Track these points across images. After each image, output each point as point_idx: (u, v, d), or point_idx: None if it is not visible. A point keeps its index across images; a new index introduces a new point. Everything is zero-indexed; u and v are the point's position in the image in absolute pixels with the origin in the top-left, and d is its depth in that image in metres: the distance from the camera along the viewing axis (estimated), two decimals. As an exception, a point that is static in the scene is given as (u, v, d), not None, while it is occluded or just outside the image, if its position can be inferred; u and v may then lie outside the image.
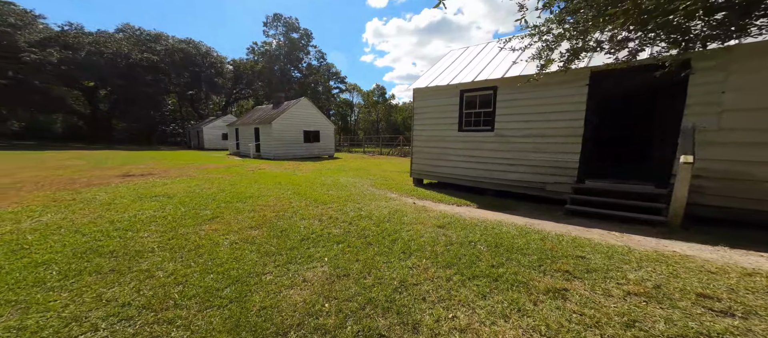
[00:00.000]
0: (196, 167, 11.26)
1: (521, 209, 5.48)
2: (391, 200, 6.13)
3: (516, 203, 6.03)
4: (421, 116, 7.99)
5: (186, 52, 39.22)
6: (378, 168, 12.69)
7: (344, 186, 7.61)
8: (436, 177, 7.80)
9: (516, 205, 5.83)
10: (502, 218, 4.87)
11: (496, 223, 4.47)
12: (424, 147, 7.96)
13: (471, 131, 6.85)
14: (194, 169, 10.69)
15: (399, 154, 24.62)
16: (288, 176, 9.20)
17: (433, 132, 7.70)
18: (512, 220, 4.74)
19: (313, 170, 11.39)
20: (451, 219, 4.61)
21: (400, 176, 9.92)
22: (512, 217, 4.95)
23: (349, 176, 9.57)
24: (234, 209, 4.82)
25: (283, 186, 7.30)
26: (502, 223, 4.48)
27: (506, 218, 4.82)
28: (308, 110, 21.19)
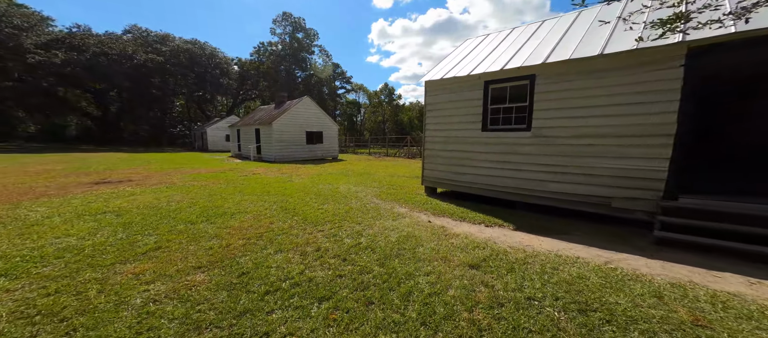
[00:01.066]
0: (184, 172, 10.25)
1: (577, 233, 4.11)
2: (400, 217, 4.85)
3: (564, 222, 4.65)
4: (435, 113, 6.68)
5: (191, 52, 38.98)
6: (384, 172, 11.44)
7: (344, 197, 6.37)
8: (454, 186, 6.48)
9: (565, 225, 4.46)
10: (559, 247, 3.52)
11: (556, 258, 3.14)
12: (439, 150, 6.64)
13: (499, 131, 5.51)
14: (181, 174, 9.68)
15: (406, 155, 23.30)
16: (281, 184, 8.03)
17: (450, 132, 6.38)
18: (575, 252, 3.38)
19: (312, 175, 10.20)
20: (487, 251, 3.30)
21: (410, 183, 8.62)
22: (572, 246, 3.59)
23: (350, 184, 8.33)
24: (191, 234, 3.64)
25: (271, 197, 6.12)
26: (565, 258, 3.14)
27: (566, 249, 3.47)
28: (311, 110, 20.12)
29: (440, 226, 4.41)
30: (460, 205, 5.77)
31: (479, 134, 5.79)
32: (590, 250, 3.46)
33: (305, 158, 19.40)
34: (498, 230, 4.27)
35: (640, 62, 3.85)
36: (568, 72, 4.54)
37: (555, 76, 4.71)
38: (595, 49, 4.26)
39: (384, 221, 4.54)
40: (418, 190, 7.47)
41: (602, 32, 4.63)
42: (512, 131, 5.30)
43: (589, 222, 4.58)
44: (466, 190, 6.29)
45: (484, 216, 4.91)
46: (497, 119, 5.60)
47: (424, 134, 6.95)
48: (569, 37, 5.12)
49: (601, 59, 4.20)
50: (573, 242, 3.73)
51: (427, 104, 6.85)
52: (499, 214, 5.03)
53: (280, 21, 50.85)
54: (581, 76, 4.42)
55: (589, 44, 4.50)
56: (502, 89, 5.46)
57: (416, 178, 9.77)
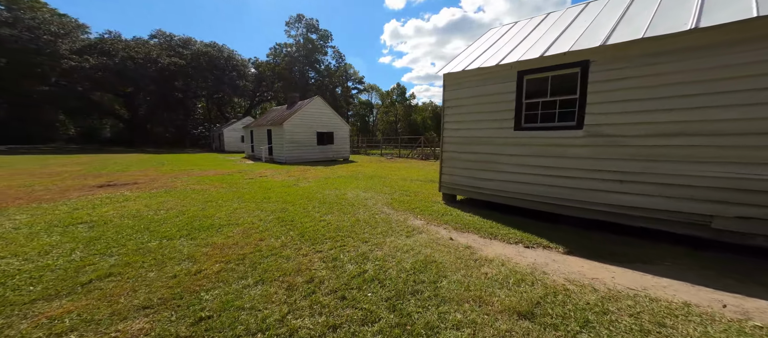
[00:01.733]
0: (192, 175, 9.97)
1: (662, 261, 3.10)
2: (415, 232, 4.03)
3: (631, 243, 3.63)
4: (455, 110, 5.80)
5: (210, 55, 40.11)
6: (396, 174, 10.63)
7: (351, 205, 5.64)
8: (477, 194, 5.56)
9: (639, 248, 3.44)
10: (645, 284, 2.56)
11: (651, 303, 2.22)
12: (461, 153, 5.75)
13: (537, 130, 4.55)
14: (188, 176, 9.37)
15: (420, 156, 22.35)
16: (285, 189, 7.43)
17: (473, 132, 5.48)
18: (676, 292, 2.41)
19: (320, 179, 9.58)
20: (538, 289, 2.42)
21: (425, 189, 7.76)
22: (664, 282, 2.61)
23: (359, 189, 7.60)
24: (160, 255, 3.01)
25: (270, 205, 5.50)
26: (666, 304, 2.20)
27: (656, 287, 2.51)
28: (322, 110, 19.68)
29: (466, 246, 3.55)
30: (486, 217, 4.86)
31: (510, 134, 4.86)
32: (700, 291, 2.47)
33: (316, 159, 18.97)
34: (543, 254, 3.34)
35: (761, 35, 2.81)
36: (641, 54, 3.53)
37: (619, 61, 3.70)
38: (683, 23, 3.24)
39: (396, 239, 3.75)
40: (434, 197, 6.60)
41: (684, 3, 3.59)
42: (555, 129, 4.32)
43: (669, 244, 3.53)
44: (491, 198, 5.36)
45: (520, 233, 3.99)
46: (534, 116, 4.64)
47: (442, 134, 6.09)
48: (633, 13, 4.08)
49: (694, 35, 3.17)
50: (664, 276, 2.74)
51: (446, 101, 5.98)
52: (539, 230, 4.08)
53: (293, 23, 51.42)
54: (660, 59, 3.41)
55: (668, 18, 3.48)
56: (542, 80, 4.50)
57: (432, 182, 8.89)
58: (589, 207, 4.10)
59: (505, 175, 5.02)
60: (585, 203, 4.12)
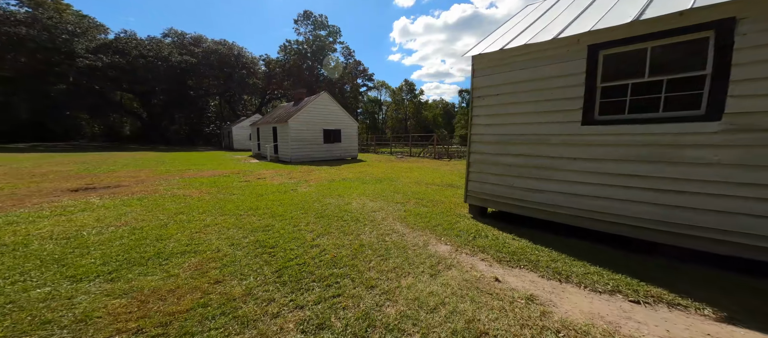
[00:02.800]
0: (186, 176, 9.11)
1: None
2: (442, 267, 2.82)
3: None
4: (490, 100, 4.50)
5: (220, 53, 39.98)
6: (409, 177, 9.40)
7: (355, 220, 4.47)
8: (521, 208, 4.26)
9: None
10: None
11: None
12: (496, 155, 4.45)
13: (624, 123, 3.19)
14: (180, 178, 8.49)
15: (432, 155, 20.98)
16: (280, 196, 6.35)
17: (518, 128, 4.17)
18: None
19: (323, 182, 8.48)
20: None
21: (444, 196, 6.50)
22: None
23: (367, 195, 6.43)
24: (33, 316, 1.94)
25: (255, 218, 4.41)
26: None
27: None
28: (328, 106, 18.63)
29: (526, 295, 2.31)
30: (537, 241, 3.57)
31: (576, 130, 3.53)
32: None
33: (323, 158, 17.98)
34: (679, 319, 2.05)
35: None
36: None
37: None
38: None
39: (417, 281, 2.54)
40: (458, 209, 5.34)
41: None
42: (661, 122, 2.96)
43: None
44: (540, 215, 4.04)
45: (607, 272, 2.69)
46: (617, 105, 3.29)
47: (470, 131, 4.79)
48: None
49: None
50: None
51: (476, 89, 4.68)
52: (634, 267, 2.78)
53: (302, 20, 50.77)
54: None
55: None
56: (632, 55, 3.14)
57: (451, 187, 7.60)
58: (728, 238, 2.71)
59: (566, 185, 3.70)
60: (719, 232, 2.73)
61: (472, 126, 4.74)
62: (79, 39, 28.22)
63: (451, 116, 76.37)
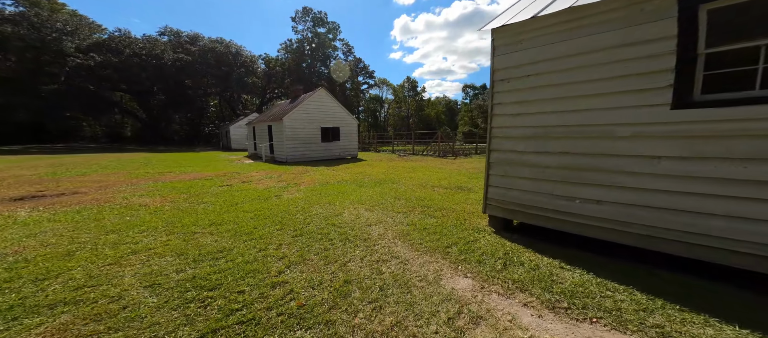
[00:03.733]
0: (163, 179, 8.21)
1: None
2: (463, 319, 1.84)
3: None
4: (516, 83, 3.48)
5: (217, 51, 39.11)
6: (412, 178, 8.41)
7: (344, 239, 3.51)
8: (562, 222, 3.24)
9: None
10: None
11: None
12: (528, 153, 3.43)
13: (750, 104, 2.14)
14: (153, 183, 7.59)
15: (436, 153, 19.94)
16: (259, 204, 5.39)
17: (561, 117, 3.13)
18: None
19: (316, 186, 7.53)
20: None
21: (454, 202, 5.51)
22: None
23: (363, 203, 5.46)
24: None
25: (211, 239, 3.46)
26: None
27: None
28: (326, 103, 17.65)
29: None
30: (596, 270, 2.57)
31: (663, 117, 2.48)
32: None
33: (321, 158, 17.04)
34: None
35: None
36: None
37: None
38: None
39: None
40: (474, 218, 4.34)
41: None
42: None
43: None
44: (597, 234, 3.02)
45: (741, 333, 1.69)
46: (731, 79, 2.25)
47: (491, 124, 3.77)
48: None
49: None
50: None
51: (498, 71, 3.66)
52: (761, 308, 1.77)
53: (300, 17, 49.70)
54: None
55: None
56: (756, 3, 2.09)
57: (460, 189, 6.60)
58: None
59: (643, 195, 2.65)
60: None
61: (493, 117, 3.72)
62: (69, 38, 27.38)
63: (453, 113, 75.03)
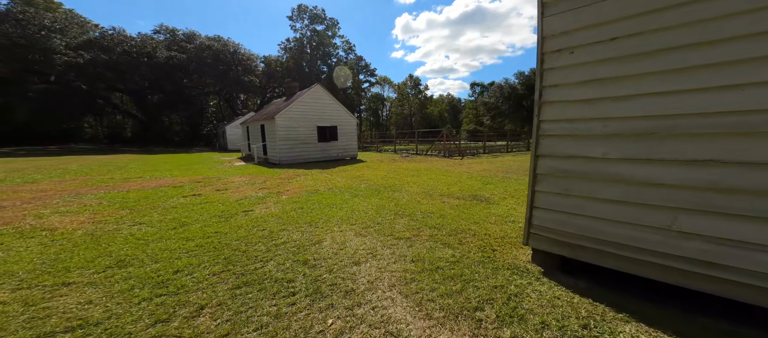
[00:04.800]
0: (123, 186, 7.04)
1: None
2: None
3: None
4: (593, 52, 2.16)
5: (214, 49, 38.06)
6: (416, 183, 7.14)
7: (312, 292, 2.25)
8: (676, 274, 1.94)
9: None
10: None
11: None
12: (613, 161, 2.11)
13: None
14: (107, 191, 6.42)
15: (442, 153, 18.61)
16: (217, 223, 4.16)
17: (699, 98, 1.82)
18: None
19: (301, 195, 6.30)
20: None
21: (470, 216, 4.23)
22: None
23: (353, 223, 4.21)
24: None
25: (109, 283, 2.22)
26: None
27: None
28: (323, 100, 16.40)
29: None
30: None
31: None
32: None
33: (317, 159, 15.83)
34: None
35: None
36: None
37: None
38: None
39: None
40: (505, 249, 3.05)
41: None
42: None
43: None
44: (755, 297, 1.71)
45: None
46: None
47: (540, 117, 2.46)
48: None
49: None
50: None
51: (551, 39, 2.36)
52: None
53: (297, 15, 48.48)
54: None
55: None
56: None
57: (475, 200, 5.32)
58: None
59: None
60: None
61: (543, 107, 2.41)
62: (58, 35, 26.35)
63: (457, 111, 73.37)
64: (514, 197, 5.69)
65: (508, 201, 5.33)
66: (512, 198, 5.57)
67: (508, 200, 5.45)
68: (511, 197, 5.63)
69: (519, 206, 4.99)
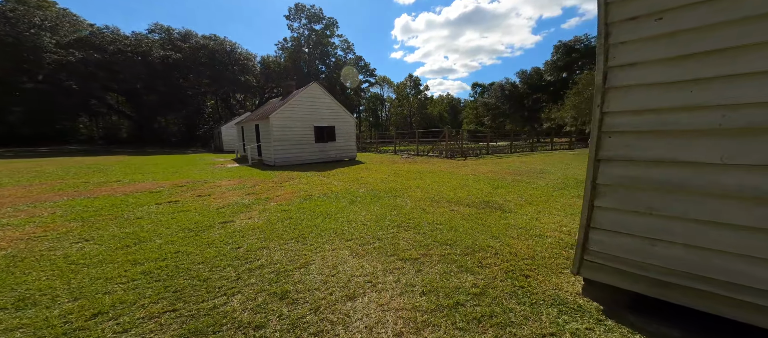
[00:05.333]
0: (97, 191, 6.35)
1: None
2: None
3: None
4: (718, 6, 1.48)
5: (209, 48, 37.35)
6: (420, 187, 6.49)
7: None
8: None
9: None
10: None
11: None
12: (734, 169, 1.43)
13: None
14: (71, 198, 5.73)
15: (443, 154, 17.96)
16: (184, 240, 3.48)
17: None
18: None
19: (291, 202, 5.63)
20: None
21: (487, 228, 3.57)
22: None
23: (350, 240, 3.54)
24: None
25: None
26: None
27: None
28: (320, 100, 15.73)
29: None
30: None
31: None
32: None
33: (315, 161, 15.15)
34: None
35: None
36: None
37: None
38: None
39: None
40: (541, 275, 2.37)
41: None
42: None
43: None
44: None
45: None
46: None
47: (601, 107, 1.78)
48: None
49: None
50: None
51: (616, 1, 1.67)
52: None
53: (294, 14, 47.86)
54: None
55: None
56: None
57: (489, 207, 4.64)
58: None
59: None
60: None
61: (610, 95, 1.73)
62: (48, 33, 25.48)
63: (457, 112, 72.84)
64: (533, 203, 5.02)
65: (526, 209, 4.66)
66: (530, 205, 4.90)
67: (526, 207, 4.78)
68: (528, 204, 4.97)
69: (541, 215, 4.33)
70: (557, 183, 6.90)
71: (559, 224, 3.92)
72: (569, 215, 4.29)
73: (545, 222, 3.97)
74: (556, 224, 3.91)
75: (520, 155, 16.91)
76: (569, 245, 3.15)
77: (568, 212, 4.45)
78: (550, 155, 15.79)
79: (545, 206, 4.80)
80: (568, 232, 3.59)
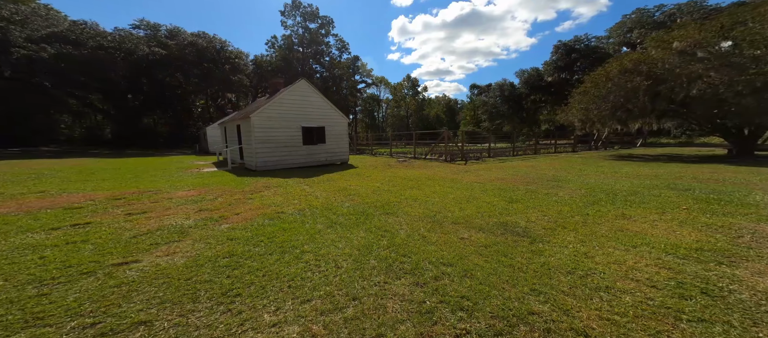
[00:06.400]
0: (24, 204, 4.98)
1: None
2: None
3: None
4: None
5: (198, 46, 35.76)
6: (418, 201, 5.26)
7: None
8: None
9: None
10: None
11: None
12: None
13: None
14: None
15: (443, 157, 16.77)
16: (28, 302, 2.16)
17: None
18: None
19: (249, 225, 4.36)
20: None
21: (521, 279, 2.40)
22: None
23: (315, 296, 2.31)
24: None
25: None
26: None
27: None
28: (308, 98, 14.42)
29: None
30: None
31: None
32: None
33: (302, 165, 13.82)
34: None
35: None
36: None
37: None
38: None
39: None
40: None
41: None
42: None
43: None
44: None
45: None
46: None
47: None
48: None
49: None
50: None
51: None
52: None
53: (289, 11, 46.54)
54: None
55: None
56: None
57: (509, 233, 3.37)
58: None
59: None
60: None
61: None
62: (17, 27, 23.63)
63: (454, 113, 71.93)
64: (566, 227, 3.79)
65: (563, 237, 3.42)
66: (565, 230, 3.66)
67: (560, 233, 3.54)
68: (562, 228, 3.73)
69: (589, 248, 3.08)
70: (583, 196, 5.70)
71: (623, 263, 2.69)
72: (631, 249, 3.04)
73: (602, 262, 2.73)
74: (620, 263, 2.69)
75: (523, 159, 15.79)
76: (664, 308, 1.92)
77: (627, 243, 3.19)
78: (556, 159, 14.69)
79: (587, 233, 3.56)
80: (648, 281, 2.36)
